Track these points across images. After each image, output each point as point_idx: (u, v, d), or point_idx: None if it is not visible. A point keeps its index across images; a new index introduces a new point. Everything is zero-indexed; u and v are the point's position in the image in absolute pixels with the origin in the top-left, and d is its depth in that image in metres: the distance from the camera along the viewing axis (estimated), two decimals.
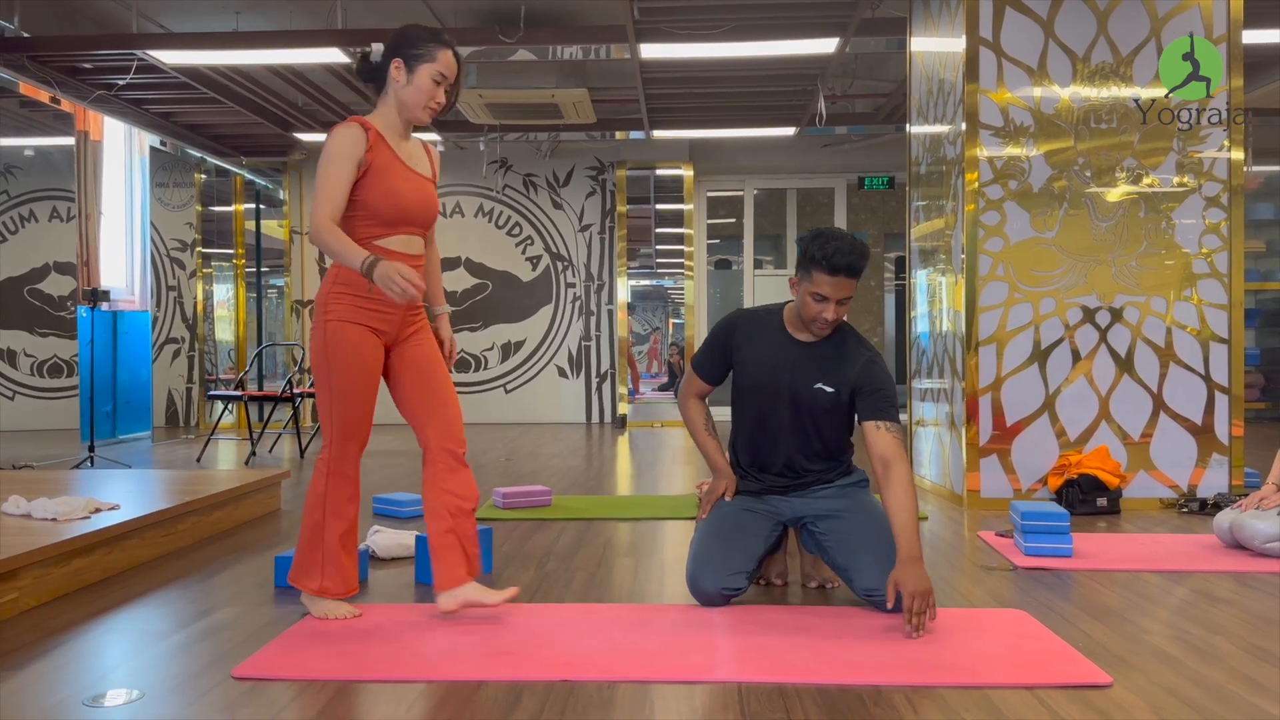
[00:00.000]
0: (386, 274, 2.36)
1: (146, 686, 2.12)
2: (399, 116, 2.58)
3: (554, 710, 1.96)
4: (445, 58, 2.56)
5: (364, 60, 2.61)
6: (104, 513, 3.31)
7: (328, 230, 2.45)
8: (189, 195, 9.58)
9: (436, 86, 2.55)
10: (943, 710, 1.95)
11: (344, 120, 2.57)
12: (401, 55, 2.54)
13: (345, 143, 2.48)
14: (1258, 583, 3.03)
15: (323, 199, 2.47)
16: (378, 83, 2.59)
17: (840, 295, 2.64)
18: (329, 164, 2.48)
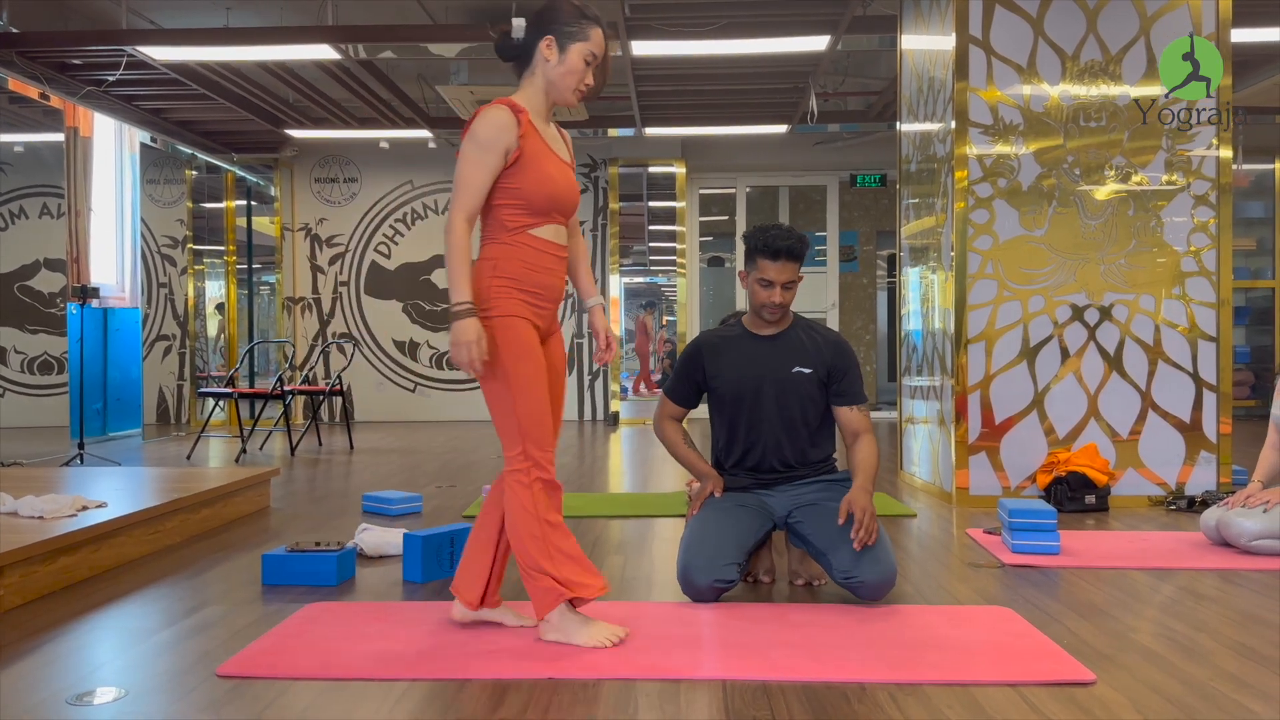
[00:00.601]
0: (466, 337, 2.24)
1: (131, 684, 2.11)
2: (545, 98, 2.41)
3: (538, 708, 1.96)
4: (598, 36, 2.39)
5: (505, 37, 2.43)
6: (91, 510, 3.31)
7: (460, 235, 2.29)
8: (180, 192, 9.55)
9: (587, 67, 2.39)
10: (926, 707, 1.96)
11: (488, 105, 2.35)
12: (553, 32, 2.37)
13: (496, 129, 2.30)
14: (1243, 580, 3.04)
15: (464, 192, 2.30)
16: (522, 61, 2.41)
17: (784, 279, 2.83)
18: (477, 151, 2.30)
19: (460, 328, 2.27)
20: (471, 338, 2.26)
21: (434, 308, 9.60)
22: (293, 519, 4.17)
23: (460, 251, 2.29)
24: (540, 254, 2.39)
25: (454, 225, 2.30)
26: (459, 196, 2.31)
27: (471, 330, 2.26)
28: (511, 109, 2.34)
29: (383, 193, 9.61)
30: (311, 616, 2.59)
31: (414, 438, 7.83)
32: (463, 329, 2.26)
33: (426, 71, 7.62)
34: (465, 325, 2.27)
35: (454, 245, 2.29)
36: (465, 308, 2.28)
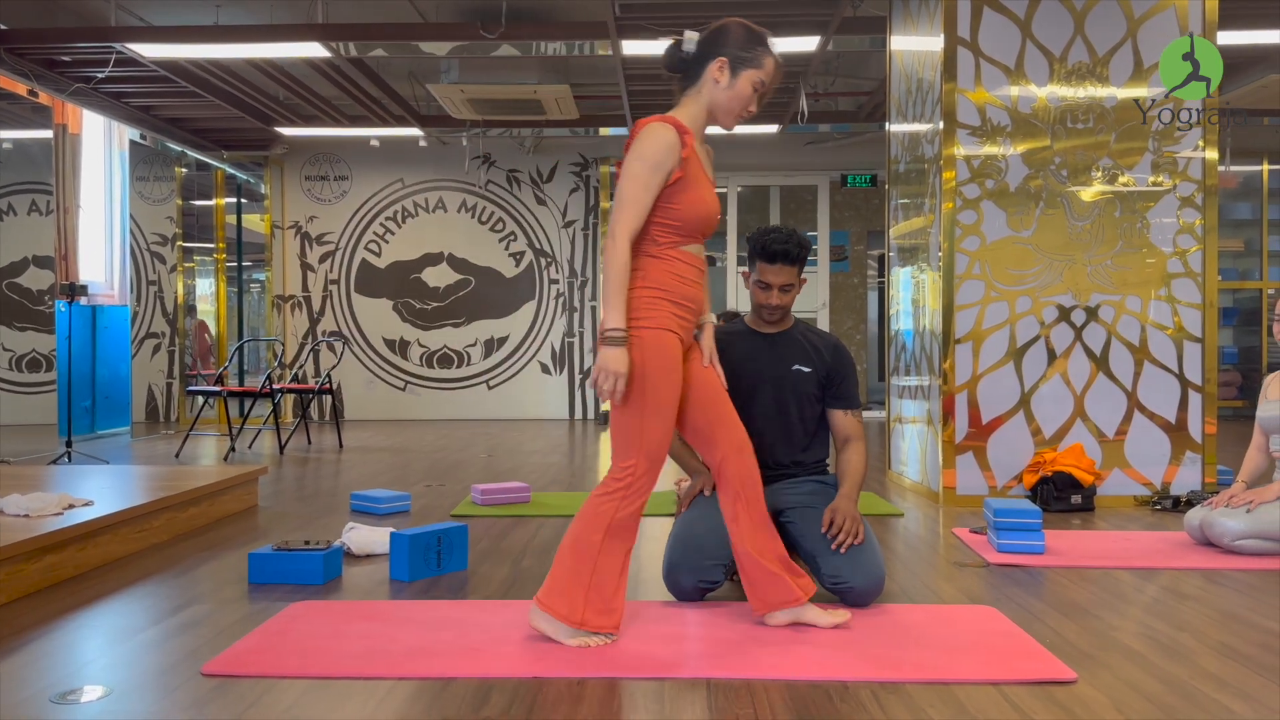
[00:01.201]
0: (616, 367, 2.22)
1: (115, 683, 2.11)
2: (705, 118, 2.39)
3: (522, 707, 1.97)
4: (770, 65, 2.39)
5: (675, 48, 2.40)
6: (77, 509, 3.30)
7: (621, 255, 2.25)
8: (169, 189, 9.53)
9: (754, 94, 2.38)
10: (908, 706, 1.97)
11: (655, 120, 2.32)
12: (728, 55, 2.35)
13: (665, 149, 2.27)
14: (1226, 579, 3.07)
15: (629, 210, 2.26)
16: (688, 77, 2.39)
17: (781, 281, 2.85)
18: (644, 170, 2.26)
19: (612, 356, 2.23)
20: (621, 368, 2.23)
21: (424, 306, 9.59)
22: (280, 517, 4.17)
23: (621, 272, 2.25)
24: (687, 266, 2.38)
25: (617, 244, 2.25)
26: (623, 214, 2.26)
27: (622, 361, 2.23)
28: (678, 129, 2.30)
29: (373, 191, 9.60)
30: (297, 615, 2.59)
31: (404, 436, 7.83)
32: (615, 358, 2.23)
33: (417, 70, 7.61)
34: (618, 354, 2.23)
35: (616, 265, 2.25)
36: (619, 335, 2.24)
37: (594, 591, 2.30)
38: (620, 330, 2.24)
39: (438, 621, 2.53)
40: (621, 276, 2.25)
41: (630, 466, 2.30)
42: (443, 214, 9.60)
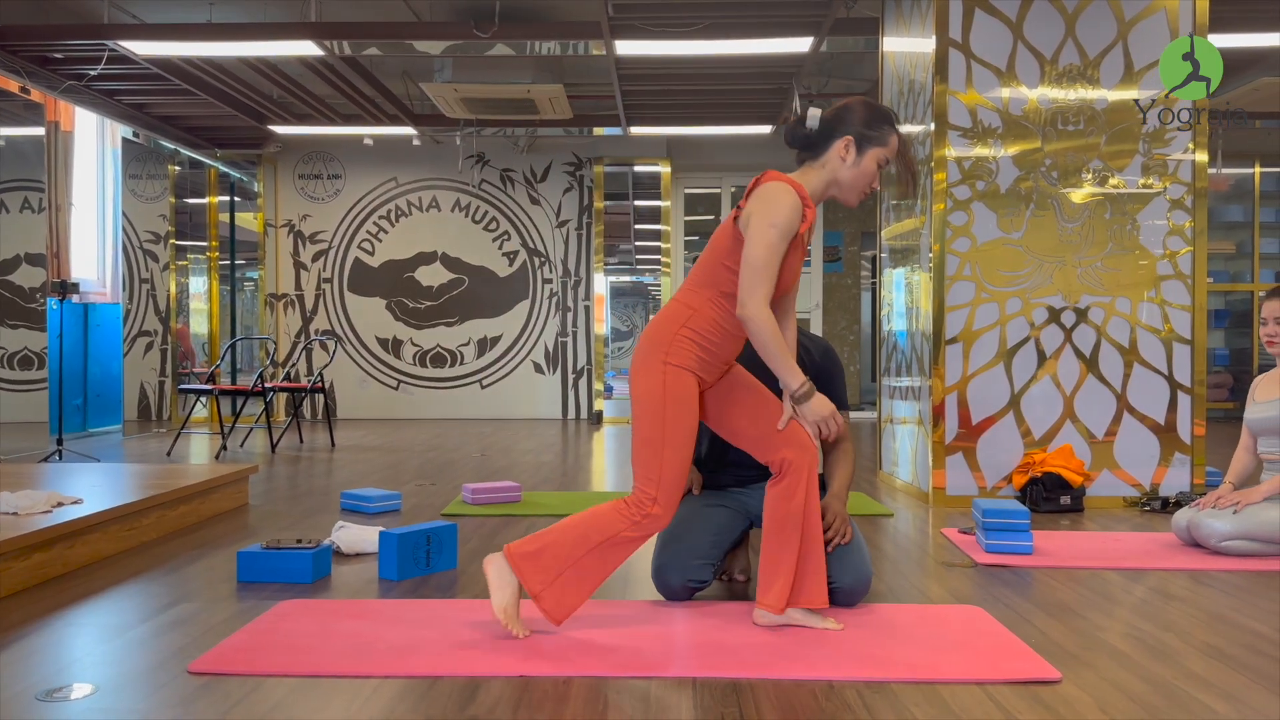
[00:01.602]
0: (823, 414, 2.35)
1: (102, 681, 2.11)
2: (824, 190, 2.43)
3: (508, 706, 1.97)
4: (894, 142, 2.42)
5: (799, 124, 2.43)
6: (66, 507, 3.30)
7: (770, 323, 2.28)
8: (162, 187, 9.52)
9: (879, 171, 2.42)
10: (893, 705, 1.98)
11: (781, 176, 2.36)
12: (854, 134, 2.39)
13: (795, 217, 2.30)
14: (1212, 580, 3.08)
15: (764, 278, 2.28)
16: (812, 152, 2.43)
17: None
18: (779, 238, 2.29)
19: (815, 406, 2.36)
20: (829, 411, 2.36)
21: (417, 305, 9.59)
22: (271, 516, 4.16)
23: (776, 338, 2.30)
24: (736, 322, 2.40)
25: (761, 314, 2.28)
26: (759, 283, 2.29)
27: (827, 404, 2.36)
28: (803, 199, 2.34)
29: (367, 189, 9.60)
30: (284, 613, 2.59)
31: (397, 435, 7.82)
32: (818, 405, 2.36)
33: (410, 68, 7.61)
34: (819, 402, 2.36)
35: (769, 333, 2.29)
36: (807, 389, 2.35)
37: (565, 580, 2.36)
38: (805, 385, 2.35)
39: (425, 620, 2.54)
40: (778, 339, 2.31)
41: (650, 496, 2.35)
42: (436, 213, 9.60)
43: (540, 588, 2.35)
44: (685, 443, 2.37)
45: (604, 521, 2.37)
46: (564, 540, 2.37)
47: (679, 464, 2.36)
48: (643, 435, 2.37)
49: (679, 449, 2.36)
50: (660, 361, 2.37)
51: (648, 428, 2.36)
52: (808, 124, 2.42)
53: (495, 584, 2.39)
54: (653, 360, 2.39)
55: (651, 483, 2.35)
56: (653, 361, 2.39)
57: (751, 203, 2.34)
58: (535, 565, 2.36)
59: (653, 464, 2.35)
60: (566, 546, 2.36)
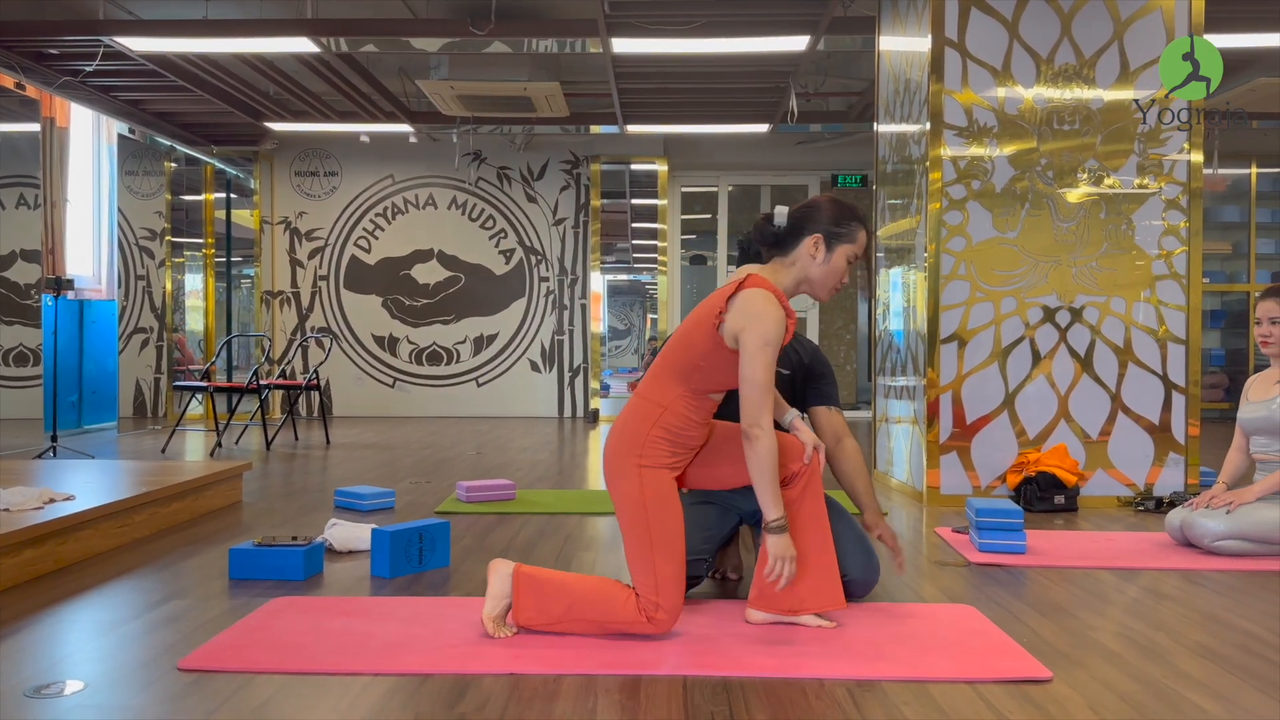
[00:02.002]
0: (785, 553, 2.31)
1: (91, 678, 2.11)
2: (795, 288, 2.44)
3: (497, 704, 1.97)
4: (862, 239, 2.44)
5: (767, 223, 2.45)
6: (58, 503, 3.29)
7: (773, 449, 2.29)
8: (158, 184, 9.50)
9: (848, 266, 2.44)
10: (883, 704, 1.98)
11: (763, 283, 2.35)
12: (823, 232, 2.41)
13: (780, 329, 2.30)
14: (1204, 580, 3.08)
15: (763, 396, 2.28)
16: (780, 250, 2.44)
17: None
18: (770, 355, 2.29)
19: (783, 545, 2.32)
20: (793, 553, 2.33)
21: (414, 303, 9.58)
22: (264, 513, 4.16)
23: (774, 464, 2.29)
24: (703, 411, 2.42)
25: (767, 438, 2.28)
26: (759, 403, 2.28)
27: (792, 546, 2.34)
28: (786, 311, 2.34)
29: (363, 187, 9.58)
30: (276, 611, 2.59)
31: (392, 433, 7.82)
32: (786, 545, 2.32)
33: (406, 66, 7.60)
34: (786, 542, 2.33)
35: (770, 458, 2.28)
36: (782, 523, 2.32)
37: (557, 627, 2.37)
38: (782, 519, 2.32)
39: (417, 618, 2.53)
40: (774, 466, 2.30)
41: (653, 603, 2.32)
42: (433, 210, 9.59)
43: (528, 621, 2.36)
44: (673, 541, 2.34)
45: (618, 607, 2.33)
46: (575, 597, 2.35)
47: (673, 566, 2.33)
48: (631, 542, 2.36)
49: (669, 549, 2.33)
50: (635, 465, 2.36)
51: (634, 535, 2.35)
52: (775, 222, 2.44)
53: (493, 593, 2.38)
54: (627, 464, 2.37)
55: (650, 589, 2.32)
56: (627, 465, 2.37)
57: (738, 317, 2.31)
58: (536, 602, 2.36)
59: (648, 571, 2.32)
60: (575, 604, 2.35)
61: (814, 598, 2.47)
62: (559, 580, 2.39)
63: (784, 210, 2.46)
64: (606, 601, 2.34)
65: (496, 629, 2.37)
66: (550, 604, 2.35)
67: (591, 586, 2.38)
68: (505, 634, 2.36)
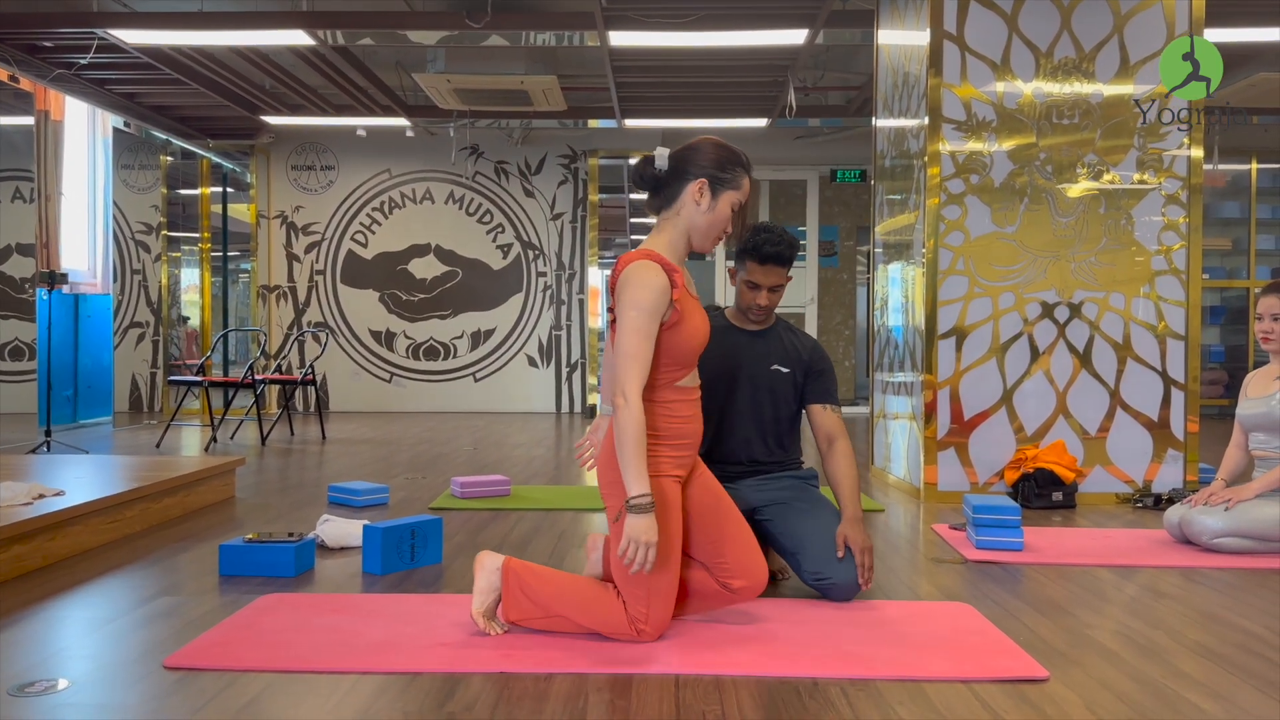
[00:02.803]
0: (648, 537, 2.12)
1: (76, 675, 2.08)
2: (685, 242, 2.33)
3: (487, 702, 1.94)
4: (746, 186, 2.34)
5: (648, 164, 2.33)
6: (48, 499, 3.26)
7: (637, 416, 2.15)
8: (154, 178, 9.46)
9: (732, 215, 2.33)
10: (877, 703, 1.95)
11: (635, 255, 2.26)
12: (707, 176, 2.30)
13: (658, 295, 2.19)
14: (1203, 578, 3.06)
15: (637, 365, 2.17)
16: (663, 196, 2.33)
17: (770, 282, 2.82)
18: (644, 321, 2.18)
19: (641, 526, 2.13)
20: (653, 538, 2.14)
21: (410, 298, 9.54)
22: (257, 509, 4.13)
23: (639, 436, 2.15)
24: (684, 403, 2.33)
25: (632, 406, 2.15)
26: (632, 372, 2.17)
27: (654, 530, 2.14)
28: (663, 268, 2.24)
29: (360, 181, 9.54)
30: (265, 608, 2.56)
31: (389, 428, 7.79)
32: (645, 528, 2.13)
33: (403, 59, 7.56)
34: (648, 524, 2.14)
35: (634, 429, 2.14)
36: (646, 501, 2.14)
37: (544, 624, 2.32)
38: (647, 496, 2.15)
39: (407, 615, 2.51)
40: (640, 438, 2.16)
41: (641, 616, 2.24)
42: (430, 205, 9.55)
43: (516, 618, 2.32)
44: (669, 557, 2.25)
45: (607, 614, 2.26)
46: (563, 596, 2.30)
47: (666, 582, 2.25)
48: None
49: (664, 565, 2.23)
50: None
51: None
52: (656, 164, 2.33)
53: (480, 587, 2.35)
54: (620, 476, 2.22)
55: (641, 600, 2.23)
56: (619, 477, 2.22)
57: (617, 289, 2.25)
58: (524, 597, 2.31)
59: (640, 585, 2.23)
60: (563, 602, 2.29)
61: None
62: (549, 577, 2.35)
63: (665, 151, 2.34)
64: (595, 606, 2.28)
65: (487, 625, 2.34)
66: (538, 601, 2.31)
67: (582, 588, 2.33)
68: (496, 630, 2.34)
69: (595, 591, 2.32)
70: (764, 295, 2.83)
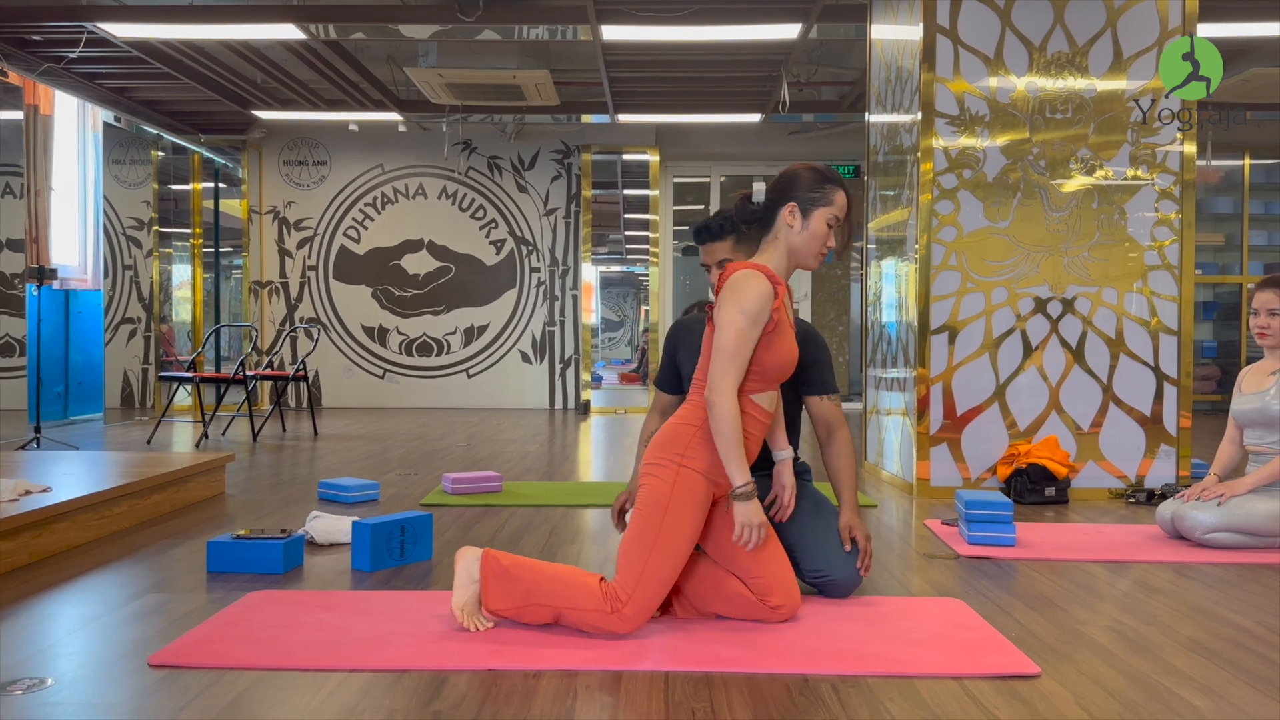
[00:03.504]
0: (752, 519, 2.27)
1: (59, 674, 2.06)
2: (788, 262, 2.41)
3: (474, 701, 1.92)
4: (840, 200, 2.40)
5: (745, 201, 2.45)
6: (34, 495, 3.23)
7: (734, 414, 2.25)
8: (146, 173, 9.41)
9: (830, 231, 2.39)
10: (867, 700, 1.94)
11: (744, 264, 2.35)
12: (796, 199, 2.38)
13: (762, 301, 2.28)
14: (1195, 573, 3.05)
15: (733, 365, 2.27)
16: (762, 225, 2.43)
17: (714, 259, 2.85)
18: (748, 324, 2.27)
19: (751, 510, 2.28)
20: (761, 519, 2.29)
21: (403, 293, 9.51)
22: (247, 506, 4.11)
23: (736, 430, 2.26)
24: (754, 421, 2.36)
25: (726, 402, 2.26)
26: (728, 370, 2.27)
27: (760, 513, 2.30)
28: (770, 280, 2.31)
29: (352, 176, 9.51)
30: (252, 605, 2.54)
31: (382, 425, 7.76)
32: (752, 512, 2.29)
33: (395, 53, 7.53)
34: (754, 508, 2.29)
35: (729, 423, 2.25)
36: (749, 489, 2.28)
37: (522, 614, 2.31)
38: (748, 485, 2.28)
39: (396, 612, 2.49)
40: (736, 431, 2.27)
41: (625, 595, 2.24)
42: (423, 200, 9.51)
43: (496, 607, 2.32)
44: (676, 549, 2.28)
45: (582, 594, 2.26)
46: (540, 582, 2.30)
47: (664, 571, 2.26)
48: (635, 530, 2.29)
49: (669, 555, 2.27)
50: (674, 462, 2.32)
51: (642, 523, 2.29)
52: (754, 199, 2.44)
53: (460, 580, 2.35)
54: (666, 459, 2.33)
55: (630, 582, 2.25)
56: (666, 461, 2.33)
57: (721, 295, 2.34)
58: (503, 586, 2.31)
59: (636, 563, 2.26)
60: (540, 591, 2.29)
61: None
62: (529, 565, 2.34)
63: (762, 187, 2.46)
64: (572, 589, 2.28)
65: (470, 620, 2.32)
66: (515, 588, 2.30)
67: (563, 574, 2.33)
68: (481, 626, 2.32)
69: (572, 575, 2.32)
70: (714, 274, 2.85)
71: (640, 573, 2.26)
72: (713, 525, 2.43)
